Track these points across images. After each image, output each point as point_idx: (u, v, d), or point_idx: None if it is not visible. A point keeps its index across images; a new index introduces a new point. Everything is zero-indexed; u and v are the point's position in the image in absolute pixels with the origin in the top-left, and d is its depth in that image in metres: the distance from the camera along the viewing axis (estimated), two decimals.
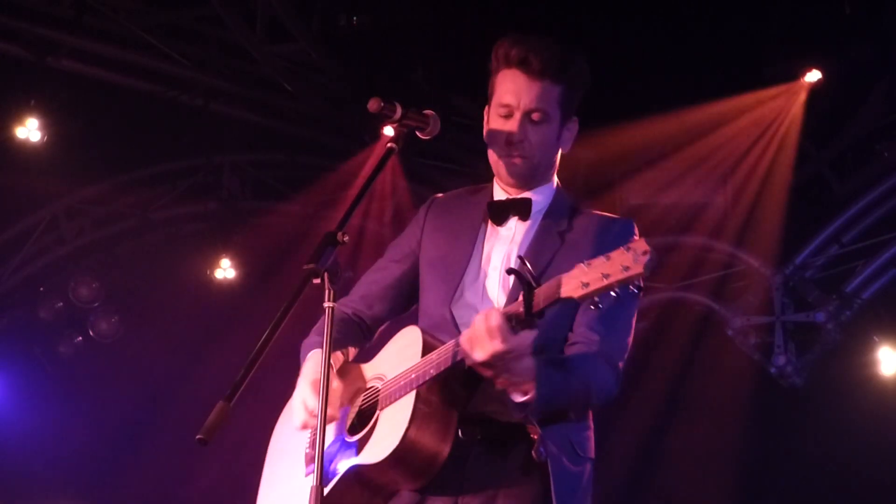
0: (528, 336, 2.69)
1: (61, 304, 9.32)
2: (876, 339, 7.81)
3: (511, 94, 3.08)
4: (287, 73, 7.72)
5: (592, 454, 3.02)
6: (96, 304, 9.33)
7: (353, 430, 3.01)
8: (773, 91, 7.39)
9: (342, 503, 2.90)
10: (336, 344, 3.04)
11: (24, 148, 8.04)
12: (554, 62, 3.07)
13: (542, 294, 2.67)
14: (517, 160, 3.09)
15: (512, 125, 3.07)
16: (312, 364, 3.08)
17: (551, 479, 2.82)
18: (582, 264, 2.60)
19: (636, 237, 3.02)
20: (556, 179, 3.21)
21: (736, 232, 7.98)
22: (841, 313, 7.87)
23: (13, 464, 8.66)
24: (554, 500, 2.81)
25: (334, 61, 7.53)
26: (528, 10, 6.81)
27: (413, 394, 2.84)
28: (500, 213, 3.12)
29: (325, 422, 2.58)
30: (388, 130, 7.00)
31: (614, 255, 2.56)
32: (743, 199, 7.84)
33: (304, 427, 3.00)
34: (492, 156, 3.15)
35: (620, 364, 2.97)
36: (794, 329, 8.08)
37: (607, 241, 2.96)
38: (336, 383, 3.02)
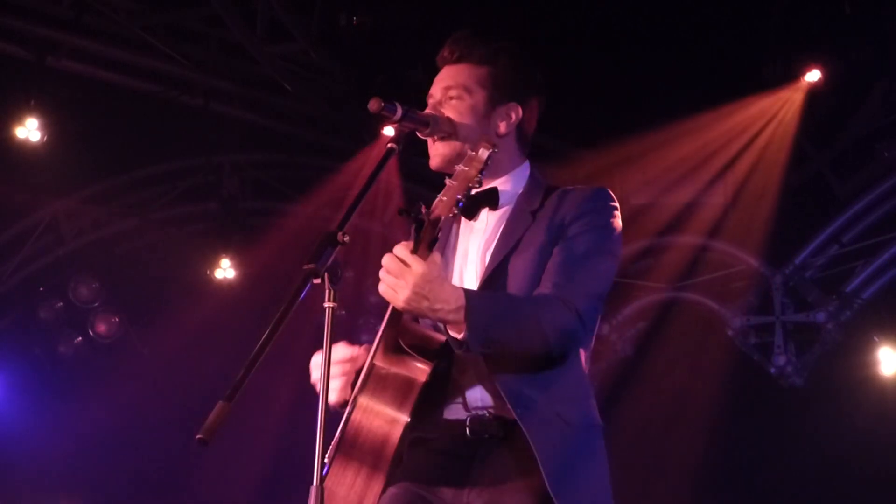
0: (434, 257, 2.74)
1: (61, 304, 9.32)
2: (876, 339, 7.82)
3: (434, 86, 3.17)
4: (287, 73, 7.72)
5: (593, 420, 2.98)
6: (96, 304, 9.33)
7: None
8: (773, 91, 7.39)
9: (339, 494, 2.89)
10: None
11: (24, 148, 8.04)
12: (470, 46, 3.15)
13: (425, 224, 2.76)
14: (438, 141, 3.11)
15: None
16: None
17: (539, 464, 2.78)
18: (447, 180, 2.79)
19: (607, 199, 3.07)
20: (528, 167, 3.20)
21: (736, 232, 7.99)
22: (841, 313, 7.88)
23: (13, 464, 8.66)
24: (548, 486, 2.78)
25: (334, 61, 7.53)
26: (528, 10, 6.81)
27: (369, 366, 2.87)
28: (470, 207, 3.13)
29: (325, 421, 2.58)
30: (389, 130, 7.05)
31: (462, 164, 2.78)
32: (743, 199, 7.85)
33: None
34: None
35: (581, 305, 2.87)
36: (794, 329, 8.09)
37: (573, 205, 3.01)
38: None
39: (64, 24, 7.56)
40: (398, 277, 2.70)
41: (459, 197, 2.74)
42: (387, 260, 2.72)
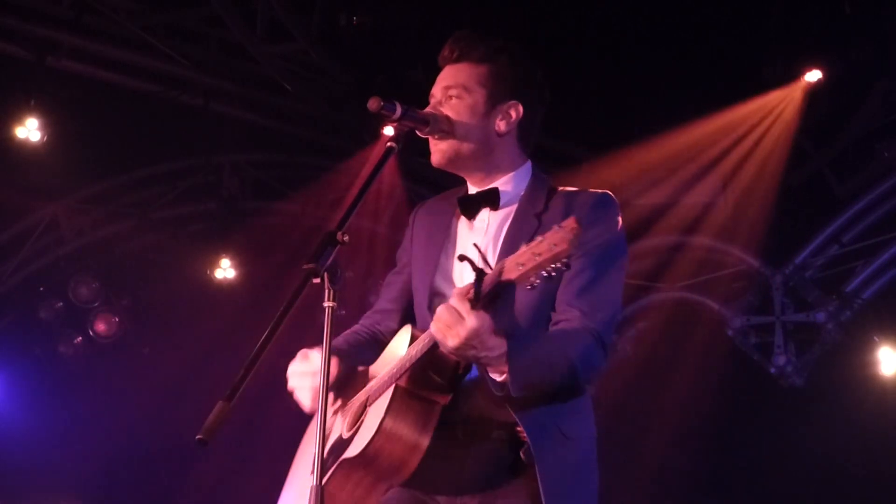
0: (487, 315, 2.70)
1: (61, 304, 9.32)
2: (876, 339, 7.81)
3: (435, 86, 3.16)
4: (287, 73, 7.72)
5: (589, 431, 3.00)
6: (96, 304, 9.33)
7: (350, 427, 3.04)
8: (773, 91, 7.39)
9: (339, 497, 2.91)
10: (342, 356, 3.14)
11: (24, 148, 8.04)
12: (470, 45, 3.14)
13: (488, 279, 2.69)
14: (437, 139, 3.10)
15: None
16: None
17: (538, 476, 2.80)
18: (523, 245, 2.63)
19: (613, 208, 3.06)
20: (529, 166, 3.19)
21: (736, 232, 7.99)
22: (841, 313, 7.87)
23: (13, 464, 8.66)
24: (542, 496, 2.80)
25: (334, 61, 7.53)
26: (528, 10, 6.81)
27: (392, 387, 2.88)
28: (470, 206, 3.14)
29: (324, 423, 2.58)
30: (388, 130, 7.05)
31: (548, 234, 2.59)
32: (743, 199, 7.84)
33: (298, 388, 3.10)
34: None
35: (605, 336, 2.93)
36: (794, 329, 8.09)
37: (580, 214, 2.96)
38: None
39: (64, 24, 7.57)
40: (451, 327, 2.68)
41: (545, 273, 2.60)
42: (441, 310, 2.70)
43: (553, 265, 2.58)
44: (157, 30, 7.67)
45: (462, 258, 2.79)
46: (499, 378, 2.77)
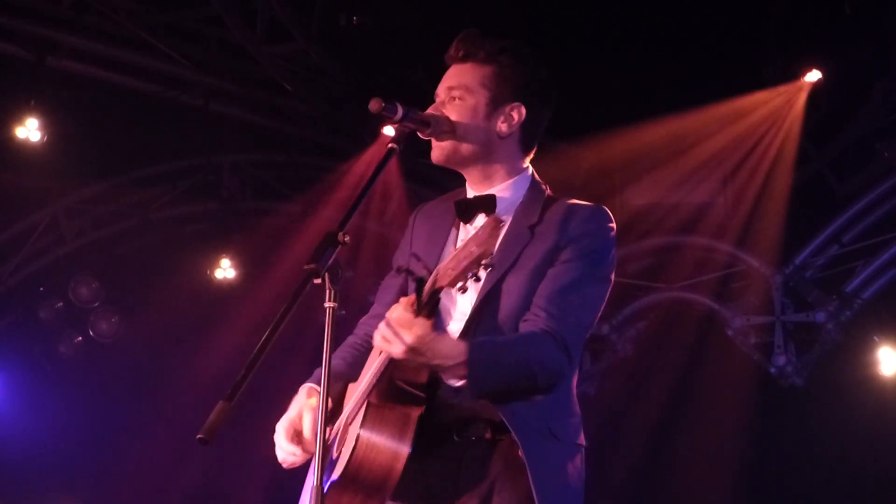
0: (429, 322, 2.72)
1: (61, 304, 9.31)
2: (876, 339, 7.82)
3: (440, 85, 3.14)
4: (287, 73, 7.72)
5: (579, 439, 2.99)
6: (96, 304, 9.32)
7: (338, 450, 3.03)
8: (773, 91, 7.39)
9: None
10: (341, 376, 3.10)
11: (24, 148, 8.04)
12: (476, 45, 3.11)
13: (426, 288, 2.72)
14: (438, 139, 3.08)
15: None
16: (295, 400, 3.09)
17: (529, 474, 2.80)
18: (452, 249, 2.69)
19: (605, 221, 3.04)
20: (529, 173, 3.17)
21: (736, 232, 7.99)
22: (841, 313, 7.87)
23: (13, 464, 8.66)
24: (534, 495, 2.80)
25: (334, 61, 7.53)
26: (528, 9, 6.81)
27: (365, 403, 2.86)
28: (467, 211, 3.11)
29: (324, 423, 2.58)
30: (389, 131, 7.05)
31: (472, 237, 2.65)
32: (743, 200, 7.85)
33: (285, 463, 3.05)
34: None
35: (570, 340, 2.90)
36: (794, 329, 8.09)
37: (571, 227, 2.98)
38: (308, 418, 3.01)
39: (64, 24, 7.57)
40: (395, 336, 2.70)
41: (470, 275, 2.66)
42: (382, 324, 2.73)
43: (476, 268, 2.63)
44: (157, 30, 7.67)
45: (399, 270, 2.80)
46: (456, 383, 2.78)
